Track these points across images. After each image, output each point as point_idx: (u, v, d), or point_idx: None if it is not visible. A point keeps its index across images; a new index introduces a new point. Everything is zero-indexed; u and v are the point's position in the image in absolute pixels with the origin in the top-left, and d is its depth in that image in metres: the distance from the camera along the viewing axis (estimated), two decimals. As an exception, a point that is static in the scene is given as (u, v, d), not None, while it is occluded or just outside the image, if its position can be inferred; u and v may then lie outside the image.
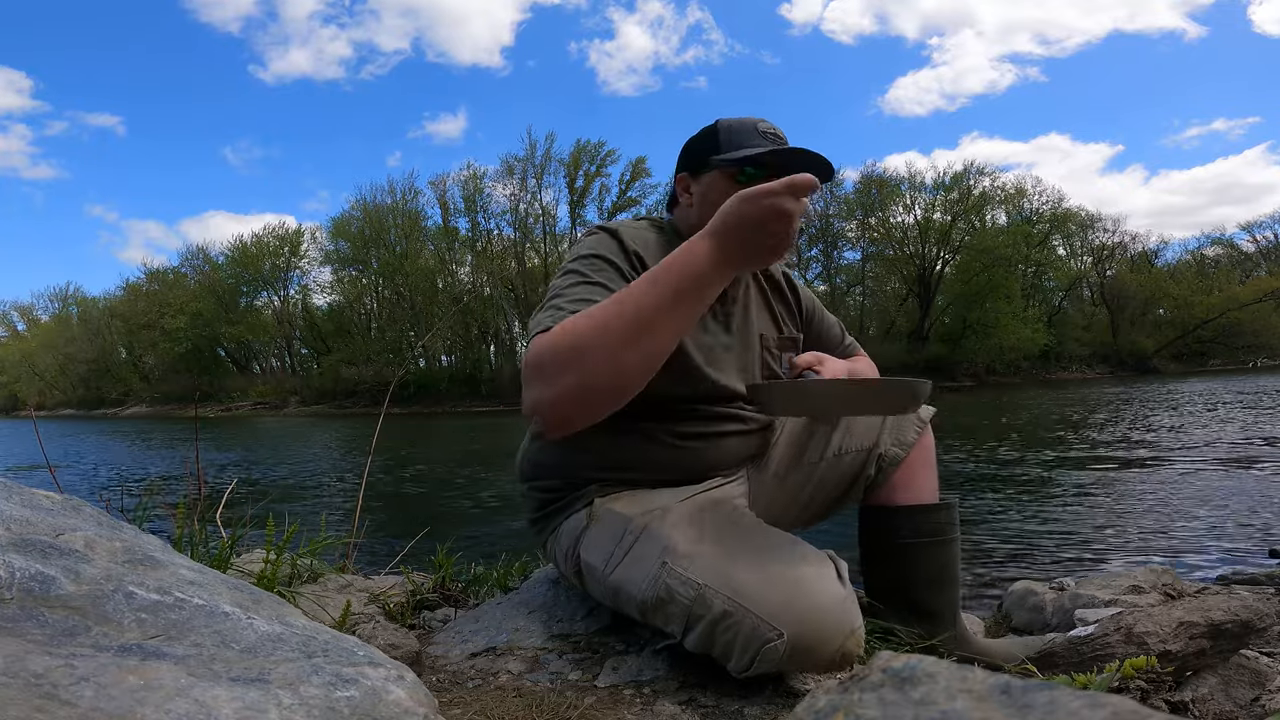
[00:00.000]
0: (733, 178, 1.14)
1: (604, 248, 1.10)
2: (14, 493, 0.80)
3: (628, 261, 1.09)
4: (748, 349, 1.24)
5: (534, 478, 1.23)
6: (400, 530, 3.22)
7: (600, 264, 1.07)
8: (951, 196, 37.31)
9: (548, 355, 0.88)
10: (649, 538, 1.02)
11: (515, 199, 38.89)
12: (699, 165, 1.19)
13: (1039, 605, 1.76)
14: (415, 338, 36.49)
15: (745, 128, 1.17)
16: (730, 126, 1.17)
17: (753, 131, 1.16)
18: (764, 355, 1.26)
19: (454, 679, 1.03)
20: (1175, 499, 4.62)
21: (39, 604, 0.57)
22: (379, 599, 1.40)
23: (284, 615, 0.73)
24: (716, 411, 1.19)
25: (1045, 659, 1.14)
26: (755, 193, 0.86)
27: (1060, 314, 38.95)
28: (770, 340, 1.28)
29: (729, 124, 1.18)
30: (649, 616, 1.00)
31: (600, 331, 0.87)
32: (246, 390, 42.13)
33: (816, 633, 0.87)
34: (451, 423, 21.98)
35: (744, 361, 1.23)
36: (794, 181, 0.85)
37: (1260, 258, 41.70)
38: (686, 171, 1.21)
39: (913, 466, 1.29)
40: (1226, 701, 1.01)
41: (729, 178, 1.14)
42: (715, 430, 1.19)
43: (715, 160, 1.16)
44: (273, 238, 43.34)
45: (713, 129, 1.19)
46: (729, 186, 1.12)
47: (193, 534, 1.35)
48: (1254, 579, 2.40)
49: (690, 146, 1.22)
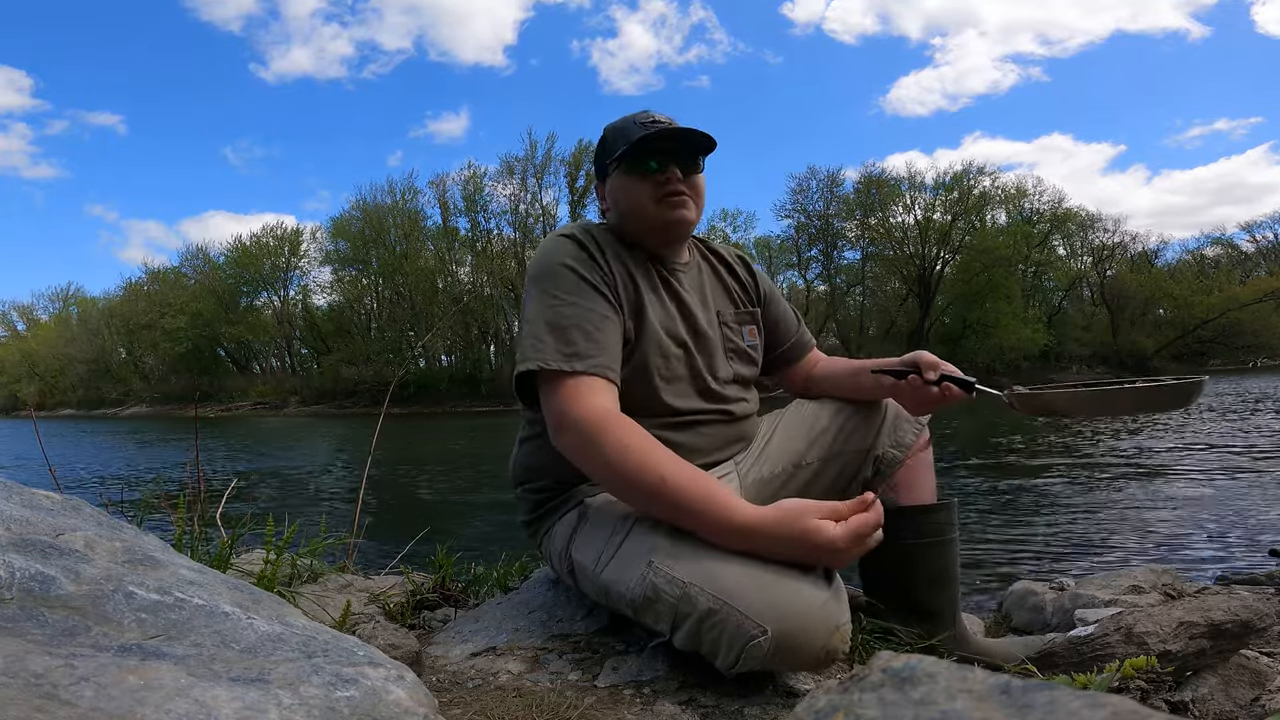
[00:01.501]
0: (630, 171, 1.22)
1: (570, 256, 1.15)
2: (14, 493, 0.80)
3: (593, 262, 1.16)
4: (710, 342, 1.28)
5: (526, 480, 1.25)
6: (400, 530, 3.22)
7: (574, 280, 1.13)
8: (951, 196, 37.33)
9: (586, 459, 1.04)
10: (636, 537, 1.03)
11: (515, 199, 38.93)
12: (601, 172, 1.29)
13: (1039, 605, 1.76)
14: (415, 338, 36.50)
15: (626, 125, 1.24)
16: (614, 128, 1.26)
17: (632, 125, 1.22)
18: (723, 330, 1.30)
19: (454, 679, 1.03)
20: (1175, 499, 4.62)
21: (39, 604, 0.57)
22: (379, 599, 1.40)
23: (284, 615, 0.73)
24: (698, 405, 1.22)
25: (1045, 659, 1.14)
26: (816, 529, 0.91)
27: (1060, 314, 38.94)
28: (728, 315, 1.32)
29: (613, 127, 1.27)
30: (640, 615, 1.01)
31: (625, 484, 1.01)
32: (246, 390, 42.13)
33: (800, 629, 0.87)
34: (451, 423, 21.99)
35: (704, 357, 1.26)
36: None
37: (1260, 258, 41.69)
38: (599, 180, 1.31)
39: (912, 467, 1.29)
40: (1226, 701, 1.01)
41: (628, 173, 1.22)
42: (692, 420, 1.22)
43: (609, 162, 1.24)
44: (271, 237, 43.39)
45: (603, 137, 1.28)
46: (630, 182, 1.22)
47: (193, 534, 1.35)
48: (1254, 579, 2.41)
49: (596, 156, 1.31)
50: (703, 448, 1.23)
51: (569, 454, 1.06)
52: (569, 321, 1.09)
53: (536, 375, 1.08)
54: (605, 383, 1.07)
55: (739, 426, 1.28)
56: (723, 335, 1.29)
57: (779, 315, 1.43)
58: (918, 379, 1.20)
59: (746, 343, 1.33)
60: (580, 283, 1.12)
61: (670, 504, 0.97)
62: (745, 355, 1.32)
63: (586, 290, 1.12)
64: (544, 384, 1.08)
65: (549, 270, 1.13)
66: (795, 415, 1.35)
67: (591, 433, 1.01)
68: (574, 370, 1.06)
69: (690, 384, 1.22)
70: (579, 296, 1.11)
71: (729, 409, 1.26)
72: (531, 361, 1.07)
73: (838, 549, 0.90)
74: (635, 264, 1.22)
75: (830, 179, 38.72)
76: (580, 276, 1.13)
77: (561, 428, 1.05)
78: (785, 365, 1.44)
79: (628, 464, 0.99)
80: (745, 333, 1.33)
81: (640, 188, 1.21)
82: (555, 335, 1.08)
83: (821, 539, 0.90)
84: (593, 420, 1.02)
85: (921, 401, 1.23)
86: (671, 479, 0.97)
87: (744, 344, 1.32)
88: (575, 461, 1.06)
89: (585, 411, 1.03)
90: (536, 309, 1.12)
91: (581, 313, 1.10)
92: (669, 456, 1.00)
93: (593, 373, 1.06)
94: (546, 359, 1.06)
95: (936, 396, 1.20)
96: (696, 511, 0.96)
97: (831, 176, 38.74)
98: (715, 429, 1.24)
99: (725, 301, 1.33)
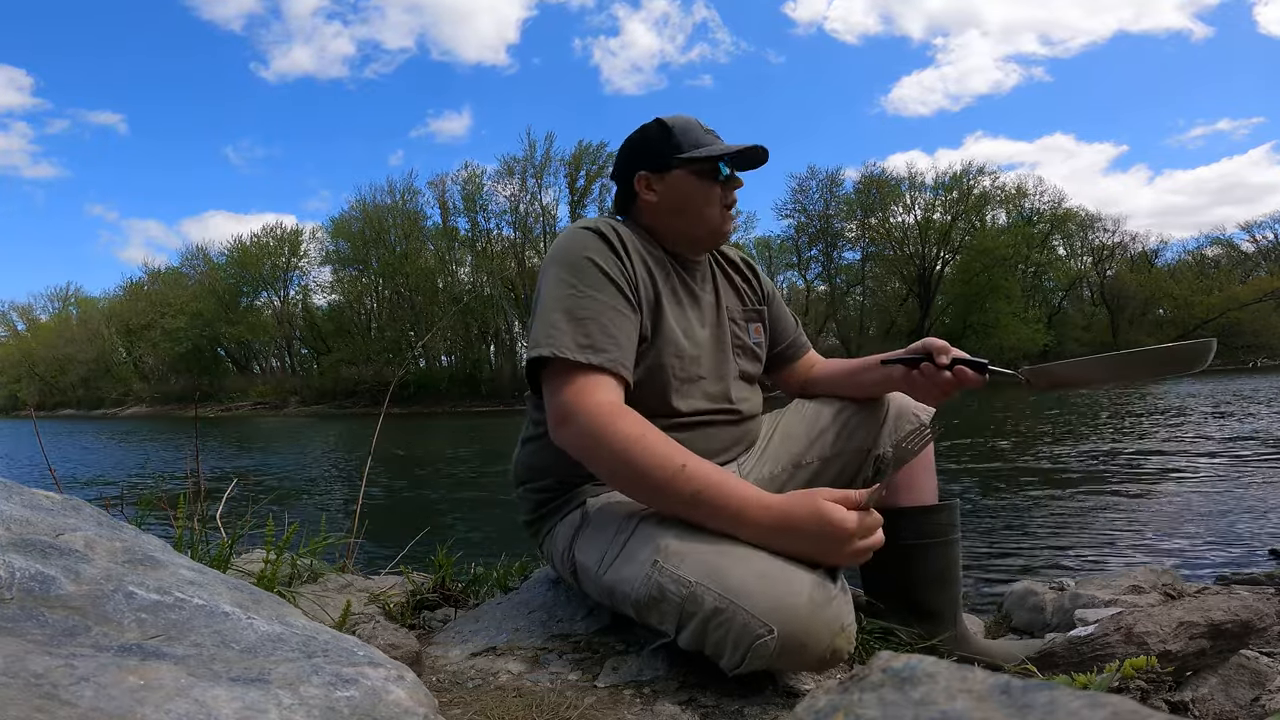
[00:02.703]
0: (702, 175, 1.22)
1: (594, 250, 1.13)
2: (14, 493, 0.80)
3: (617, 259, 1.14)
4: (721, 342, 1.27)
5: (528, 480, 1.25)
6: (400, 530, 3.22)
7: (596, 274, 1.11)
8: (952, 196, 37.33)
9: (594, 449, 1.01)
10: (641, 536, 1.02)
11: (515, 199, 38.93)
12: (661, 164, 1.23)
13: (1039, 605, 1.76)
14: (415, 338, 36.50)
15: (693, 126, 1.24)
16: (681, 125, 1.24)
17: (700, 129, 1.24)
18: (731, 327, 1.30)
19: (454, 679, 1.03)
20: (1175, 499, 4.62)
21: (39, 604, 0.57)
22: (379, 599, 1.40)
23: (284, 615, 0.73)
24: (705, 405, 1.22)
25: (1045, 659, 1.14)
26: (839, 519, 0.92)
27: (1060, 314, 38.93)
28: (735, 312, 1.32)
29: (678, 122, 1.24)
30: (644, 615, 1.00)
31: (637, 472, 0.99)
32: (246, 390, 42.16)
33: (806, 629, 0.87)
34: (451, 423, 21.98)
35: (716, 357, 1.25)
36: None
37: (1260, 258, 41.64)
38: (646, 170, 1.24)
39: (913, 467, 1.29)
40: (1226, 701, 1.01)
41: (698, 175, 1.22)
42: (702, 420, 1.21)
43: (680, 159, 1.21)
44: (271, 238, 43.40)
45: (663, 128, 1.24)
46: (703, 185, 1.22)
47: (193, 534, 1.35)
48: (1254, 579, 2.40)
49: (643, 145, 1.26)
50: (711, 448, 1.22)
51: (573, 446, 1.03)
52: (588, 314, 1.07)
53: (548, 363, 1.06)
54: (616, 380, 1.06)
55: (746, 426, 1.29)
56: (731, 333, 1.30)
57: (778, 313, 1.43)
58: (930, 366, 1.19)
59: (752, 340, 1.33)
60: (602, 277, 1.10)
61: (689, 491, 0.96)
62: (751, 352, 1.32)
63: (608, 286, 1.10)
64: (554, 374, 1.06)
65: (572, 261, 1.11)
66: (796, 414, 1.35)
67: (602, 422, 0.99)
68: (588, 363, 1.04)
69: (701, 384, 1.22)
70: (600, 291, 1.09)
71: (737, 409, 1.26)
72: (545, 348, 1.05)
73: (849, 529, 0.91)
74: (655, 263, 1.21)
75: (830, 179, 38.77)
76: (603, 271, 1.11)
77: (566, 419, 1.02)
78: (783, 365, 1.44)
79: (644, 450, 0.98)
80: (751, 330, 1.33)
81: (712, 193, 1.22)
82: (573, 325, 1.06)
83: (835, 516, 0.91)
84: (602, 411, 1.00)
85: (936, 389, 1.20)
86: (692, 463, 0.98)
87: (750, 341, 1.32)
88: (579, 454, 1.03)
89: (594, 404, 1.01)
90: (554, 296, 1.09)
91: (601, 307, 1.08)
92: (683, 447, 1.00)
93: (606, 368, 1.05)
94: (561, 347, 1.04)
95: (951, 382, 1.18)
96: (712, 497, 0.96)
97: (831, 176, 38.79)
98: (723, 429, 1.24)
99: (733, 299, 1.34)
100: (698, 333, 1.23)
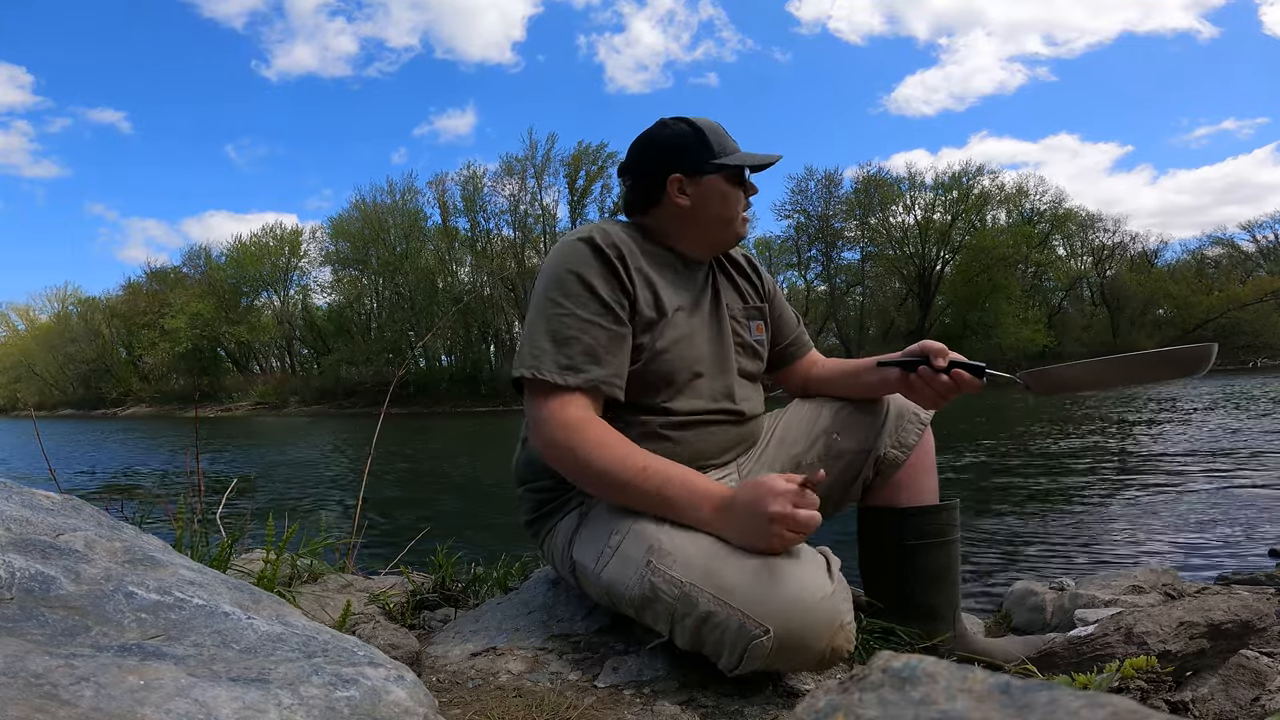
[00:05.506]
0: (732, 181, 1.22)
1: (582, 264, 1.12)
2: (14, 493, 0.80)
3: (607, 270, 1.13)
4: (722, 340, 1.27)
5: (528, 480, 1.25)
6: (400, 530, 3.22)
7: (581, 290, 1.11)
8: (951, 196, 37.31)
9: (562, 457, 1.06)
10: (636, 536, 1.02)
11: (515, 199, 38.92)
12: (697, 167, 1.21)
13: (1039, 605, 1.76)
14: (415, 338, 36.48)
15: (721, 131, 1.25)
16: (711, 129, 1.24)
17: (726, 134, 1.25)
18: (732, 325, 1.30)
19: (454, 679, 1.03)
20: (1175, 499, 4.62)
21: (39, 604, 0.57)
22: (379, 599, 1.40)
23: (284, 615, 0.73)
24: (706, 405, 1.21)
25: (1045, 659, 1.14)
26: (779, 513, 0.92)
27: (1060, 314, 38.90)
28: (736, 310, 1.32)
29: (708, 126, 1.24)
30: (641, 615, 1.01)
31: (597, 479, 1.05)
32: (246, 390, 42.16)
33: (803, 628, 0.87)
34: (451, 423, 21.99)
35: (718, 357, 1.25)
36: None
37: (1260, 258, 41.62)
38: (680, 172, 1.21)
39: (914, 468, 1.29)
40: (1226, 701, 1.01)
41: (730, 181, 1.22)
42: (703, 420, 1.21)
43: (716, 164, 1.20)
44: (271, 238, 43.39)
45: (697, 131, 1.22)
46: (733, 192, 1.23)
47: (193, 534, 1.35)
48: (1254, 579, 2.40)
49: (678, 147, 1.22)
50: (712, 448, 1.22)
51: (546, 455, 1.09)
52: (570, 333, 1.09)
53: (530, 380, 1.09)
54: (592, 399, 1.09)
55: (748, 426, 1.28)
56: (732, 330, 1.29)
57: (780, 311, 1.43)
58: (928, 369, 1.17)
59: (754, 338, 1.32)
60: (587, 294, 1.10)
61: (653, 488, 1.01)
62: (753, 350, 1.32)
63: (592, 301, 1.10)
64: (535, 391, 1.09)
65: (559, 276, 1.12)
66: (795, 414, 1.35)
67: (568, 433, 1.05)
68: (566, 384, 1.07)
69: (703, 382, 1.22)
70: (582, 308, 1.10)
71: (739, 409, 1.25)
72: (527, 369, 1.08)
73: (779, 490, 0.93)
74: (660, 266, 1.21)
75: (828, 179, 38.74)
76: (588, 287, 1.11)
77: (540, 431, 1.08)
78: (785, 363, 1.44)
79: (606, 455, 1.03)
80: (753, 328, 1.33)
81: (739, 200, 1.24)
82: (555, 346, 1.08)
83: (768, 482, 0.94)
84: (570, 424, 1.05)
85: (933, 392, 1.18)
86: (654, 464, 1.03)
87: (751, 339, 1.32)
88: (551, 461, 1.08)
89: (564, 418, 1.06)
90: (540, 315, 1.11)
91: (584, 325, 1.09)
92: (646, 451, 1.05)
93: (583, 388, 1.08)
94: (542, 369, 1.07)
95: (949, 385, 1.16)
96: (675, 493, 1.00)
97: (830, 176, 38.76)
98: (725, 429, 1.24)
99: (734, 296, 1.33)
100: (699, 330, 1.23)
